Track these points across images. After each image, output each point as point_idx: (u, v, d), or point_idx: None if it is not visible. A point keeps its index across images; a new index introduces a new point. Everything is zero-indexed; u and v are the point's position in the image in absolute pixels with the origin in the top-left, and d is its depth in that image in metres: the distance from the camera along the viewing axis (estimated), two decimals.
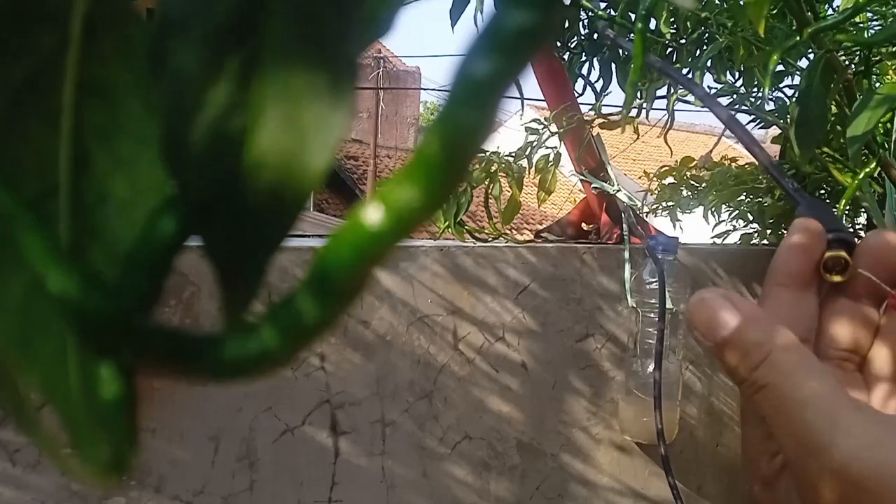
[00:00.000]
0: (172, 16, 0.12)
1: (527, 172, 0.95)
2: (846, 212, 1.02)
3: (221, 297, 0.13)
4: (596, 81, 1.03)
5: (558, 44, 0.99)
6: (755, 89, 0.93)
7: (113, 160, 0.14)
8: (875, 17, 0.85)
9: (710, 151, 1.06)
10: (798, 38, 0.59)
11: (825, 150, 0.89)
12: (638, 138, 0.97)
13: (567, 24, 0.97)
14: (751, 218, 1.08)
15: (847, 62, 0.77)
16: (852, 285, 0.28)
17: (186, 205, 0.13)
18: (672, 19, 0.87)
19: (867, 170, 0.71)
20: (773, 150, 1.14)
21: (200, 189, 0.12)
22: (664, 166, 1.09)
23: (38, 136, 0.14)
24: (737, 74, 0.94)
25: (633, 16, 0.79)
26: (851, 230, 1.02)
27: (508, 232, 0.93)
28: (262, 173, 0.12)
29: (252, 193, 0.12)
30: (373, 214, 0.12)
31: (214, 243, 0.13)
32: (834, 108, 0.80)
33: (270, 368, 0.13)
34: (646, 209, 1.01)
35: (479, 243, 0.84)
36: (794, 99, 0.91)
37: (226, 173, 0.12)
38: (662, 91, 0.94)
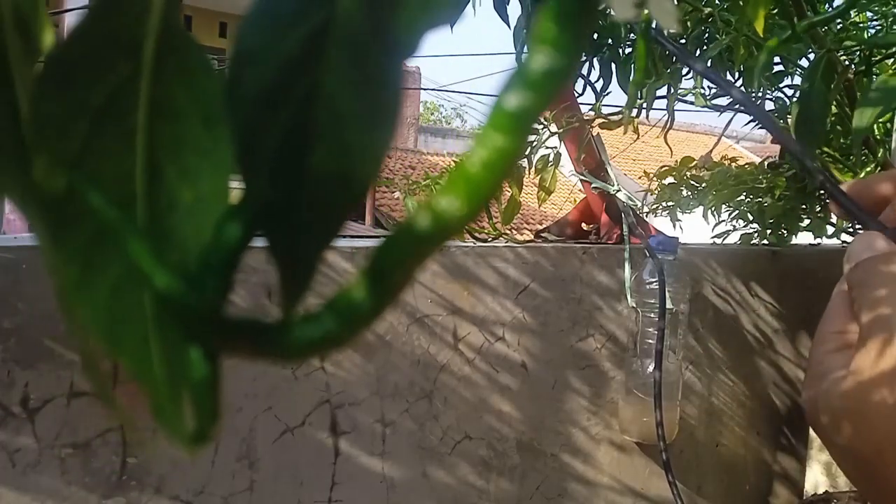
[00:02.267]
0: (247, 46, 0.14)
1: (527, 172, 0.95)
2: None
3: (281, 290, 0.15)
4: (596, 81, 1.02)
5: None
6: (755, 89, 0.93)
7: (180, 171, 0.16)
8: (875, 17, 0.85)
9: (710, 151, 1.06)
10: (791, 31, 0.59)
11: (825, 149, 0.89)
12: (638, 138, 0.97)
13: None
14: (751, 218, 1.08)
15: (848, 62, 0.77)
16: None
17: (254, 209, 0.15)
18: None
19: (867, 169, 0.71)
20: (773, 150, 1.14)
21: (268, 195, 0.15)
22: (664, 166, 1.09)
23: (118, 150, 0.16)
24: (737, 74, 0.94)
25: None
26: (851, 228, 1.02)
27: (508, 232, 0.93)
28: (320, 183, 0.14)
29: (311, 200, 0.15)
30: (421, 220, 0.14)
31: (277, 243, 0.15)
32: (834, 108, 0.80)
33: (331, 350, 0.15)
34: (646, 209, 1.01)
35: (478, 243, 0.84)
36: (794, 99, 0.91)
37: (290, 183, 0.15)
38: (662, 91, 0.94)
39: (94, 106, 0.15)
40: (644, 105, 0.91)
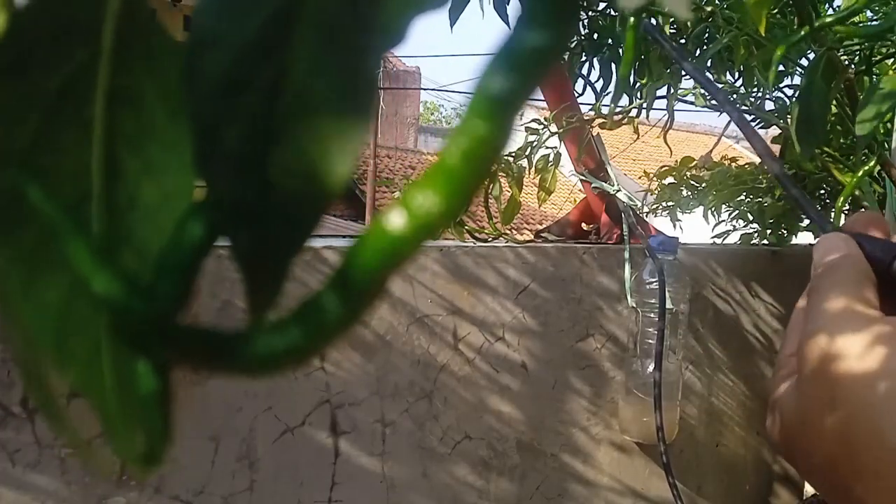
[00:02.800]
0: (204, 33, 0.13)
1: (527, 172, 0.95)
2: (847, 212, 1.02)
3: (246, 297, 0.14)
4: (596, 81, 1.02)
5: None
6: (755, 89, 0.93)
7: (142, 166, 0.15)
8: (875, 17, 0.86)
9: (710, 151, 1.06)
10: (802, 32, 0.59)
11: (825, 149, 0.89)
12: (638, 138, 0.97)
13: None
14: (751, 218, 1.08)
15: (848, 62, 0.77)
16: None
17: (216, 210, 0.14)
18: (672, 18, 0.87)
19: (866, 168, 0.71)
20: (773, 150, 1.14)
21: (231, 195, 0.13)
22: (664, 166, 1.09)
23: (73, 143, 0.14)
24: (737, 74, 0.94)
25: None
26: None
27: (508, 232, 0.93)
28: (288, 181, 0.13)
29: (279, 199, 0.13)
30: (395, 220, 0.12)
31: (242, 246, 0.14)
32: (834, 108, 0.80)
33: (297, 363, 0.14)
34: (646, 209, 1.01)
35: (479, 243, 0.84)
36: (794, 98, 0.91)
37: (255, 180, 0.13)
38: (662, 91, 0.94)
39: (46, 96, 0.14)
40: (644, 105, 0.91)
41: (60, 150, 0.14)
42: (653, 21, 0.84)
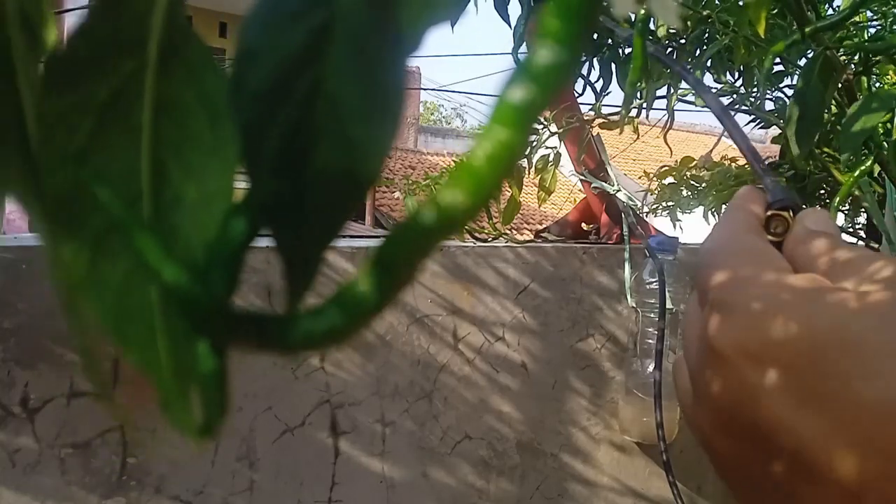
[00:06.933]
0: (249, 46, 0.15)
1: (526, 172, 0.95)
2: (846, 212, 1.02)
3: (285, 285, 0.15)
4: (596, 81, 1.02)
5: None
6: (755, 89, 0.93)
7: (185, 169, 0.16)
8: (875, 17, 0.86)
9: (710, 151, 1.07)
10: (798, 35, 0.59)
11: (825, 150, 0.89)
12: (638, 138, 0.97)
13: None
14: None
15: (847, 61, 0.77)
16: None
17: (258, 206, 0.15)
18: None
19: (862, 168, 0.71)
20: (774, 150, 1.14)
21: (273, 192, 0.15)
22: (664, 166, 1.09)
23: (123, 147, 0.16)
24: (736, 74, 0.94)
25: (632, 16, 0.79)
26: (851, 228, 1.02)
27: (508, 232, 0.93)
28: (324, 180, 0.15)
29: (315, 196, 0.15)
30: (427, 214, 0.14)
31: (282, 239, 0.15)
32: (834, 108, 0.80)
33: (336, 343, 0.15)
34: (646, 209, 1.01)
35: (478, 243, 0.84)
36: (792, 98, 0.91)
37: (294, 179, 0.15)
38: (662, 91, 0.94)
39: (98, 103, 0.15)
40: (644, 105, 0.91)
41: (112, 152, 0.16)
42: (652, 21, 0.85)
